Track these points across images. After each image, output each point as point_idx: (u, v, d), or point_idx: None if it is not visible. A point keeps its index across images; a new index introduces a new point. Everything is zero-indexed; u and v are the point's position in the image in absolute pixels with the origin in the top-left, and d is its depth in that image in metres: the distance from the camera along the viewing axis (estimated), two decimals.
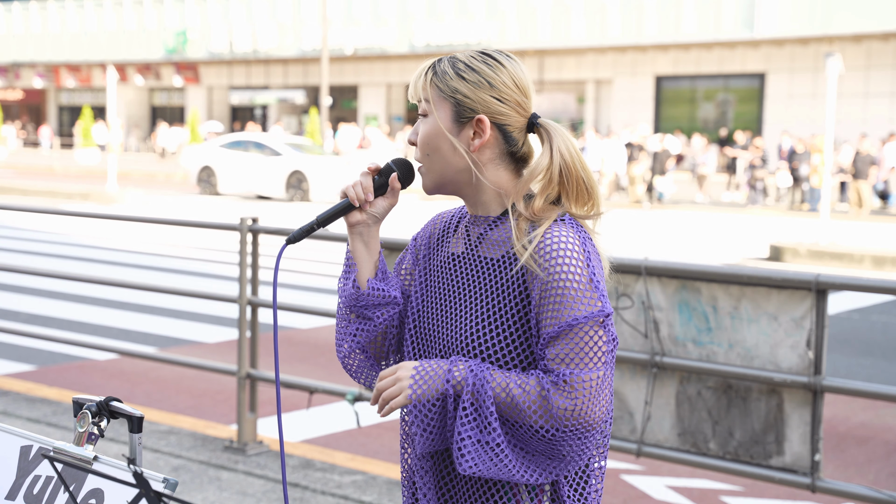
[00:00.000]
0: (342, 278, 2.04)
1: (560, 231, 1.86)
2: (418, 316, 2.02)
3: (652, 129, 34.03)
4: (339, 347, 2.07)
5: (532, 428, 1.81)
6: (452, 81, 1.91)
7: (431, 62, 1.97)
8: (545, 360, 1.84)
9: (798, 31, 31.96)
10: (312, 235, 2.01)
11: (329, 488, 4.90)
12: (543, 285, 1.84)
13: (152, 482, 1.67)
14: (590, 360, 1.82)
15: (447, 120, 1.92)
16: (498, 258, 1.92)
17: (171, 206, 21.76)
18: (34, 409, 6.13)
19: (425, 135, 1.95)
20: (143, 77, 47.85)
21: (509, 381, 1.83)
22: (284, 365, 7.48)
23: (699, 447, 4.26)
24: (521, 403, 1.81)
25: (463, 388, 1.83)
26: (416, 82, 1.96)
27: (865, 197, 22.30)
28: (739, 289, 4.10)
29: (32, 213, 6.91)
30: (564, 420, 1.80)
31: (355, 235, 2.02)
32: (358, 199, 1.98)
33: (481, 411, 1.82)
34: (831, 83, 15.32)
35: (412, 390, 1.84)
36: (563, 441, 1.81)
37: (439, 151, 1.93)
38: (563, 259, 1.83)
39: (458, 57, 1.95)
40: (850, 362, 8.19)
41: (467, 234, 2.00)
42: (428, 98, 1.94)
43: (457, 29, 38.22)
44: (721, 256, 15.06)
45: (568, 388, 1.80)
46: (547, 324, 1.84)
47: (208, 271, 12.40)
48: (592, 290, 1.84)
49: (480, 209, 1.98)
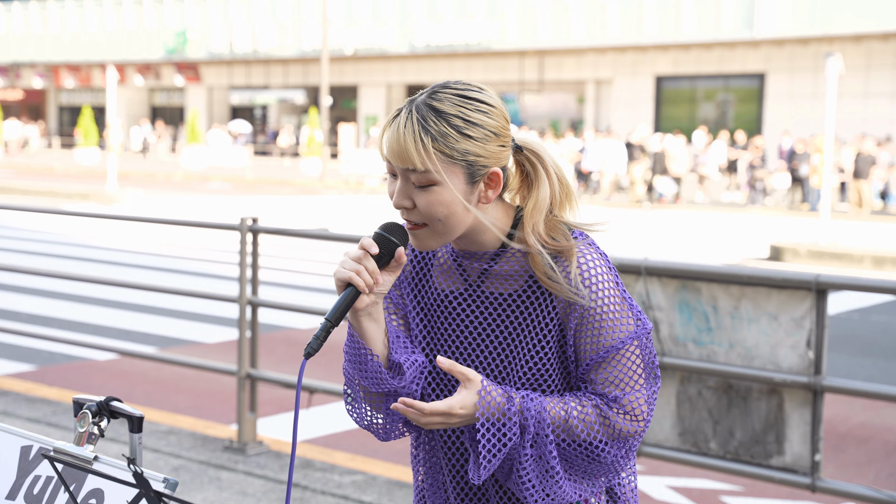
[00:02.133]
0: (357, 362, 1.86)
1: (586, 256, 1.83)
2: (430, 355, 1.95)
3: (652, 129, 34.03)
4: (381, 429, 1.93)
5: (594, 453, 1.83)
6: (459, 143, 1.76)
7: (408, 116, 1.77)
8: (594, 385, 1.84)
9: (798, 31, 31.95)
10: (313, 235, 2.00)
11: (329, 488, 4.90)
12: (583, 312, 1.82)
13: (152, 482, 1.67)
14: (640, 378, 1.85)
15: (461, 185, 1.79)
16: (513, 293, 1.87)
17: (171, 206, 21.76)
18: (34, 409, 6.13)
19: (436, 204, 1.78)
20: (143, 77, 47.86)
21: (567, 409, 1.82)
22: (284, 365, 7.48)
23: (699, 447, 4.26)
24: (580, 433, 1.81)
25: (528, 420, 1.79)
26: (407, 150, 1.75)
27: (866, 197, 22.30)
28: (739, 289, 4.10)
29: (32, 213, 6.90)
30: (630, 441, 1.84)
31: (364, 317, 1.84)
32: (367, 287, 1.79)
33: (541, 441, 1.80)
34: (831, 83, 15.32)
35: (481, 416, 1.79)
36: (619, 459, 1.86)
37: (454, 215, 1.80)
38: (598, 285, 1.82)
39: (445, 110, 1.77)
40: (850, 362, 8.19)
41: (461, 270, 1.91)
42: (432, 168, 1.76)
43: (457, 29, 38.21)
44: (721, 256, 15.06)
45: (630, 411, 1.83)
46: (589, 349, 1.83)
47: (208, 271, 12.40)
48: (628, 310, 1.85)
49: (474, 246, 1.89)
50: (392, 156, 1.78)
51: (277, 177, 31.79)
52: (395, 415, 1.90)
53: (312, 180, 30.46)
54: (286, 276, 11.92)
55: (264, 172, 33.71)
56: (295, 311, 5.72)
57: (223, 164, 35.92)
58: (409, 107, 1.79)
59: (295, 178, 30.97)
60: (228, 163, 36.02)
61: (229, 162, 36.04)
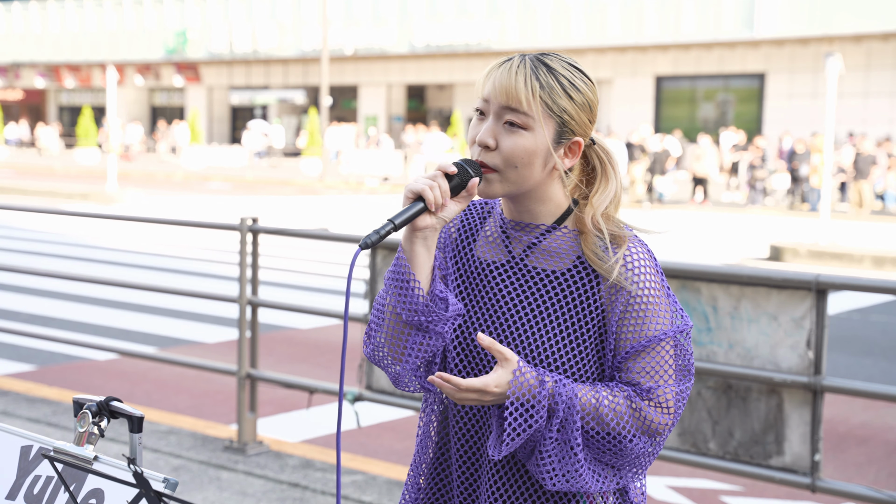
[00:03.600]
0: (398, 287, 1.84)
1: (637, 248, 1.88)
2: (463, 326, 1.94)
3: (652, 129, 34.02)
4: (402, 362, 1.88)
5: (621, 443, 1.83)
6: (561, 100, 1.84)
7: (521, 63, 1.85)
8: (629, 373, 1.86)
9: (798, 31, 31.96)
10: (313, 235, 2.00)
11: (329, 488, 4.90)
12: (629, 299, 1.84)
13: (152, 482, 1.67)
14: (675, 373, 1.88)
15: (548, 140, 1.84)
16: (557, 271, 1.88)
17: (171, 206, 21.76)
18: (34, 409, 6.13)
19: (521, 148, 1.83)
20: (142, 77, 47.86)
21: (598, 397, 1.82)
22: (284, 365, 7.49)
23: (699, 447, 4.26)
24: (610, 422, 1.82)
25: (558, 404, 1.80)
26: (517, 87, 1.82)
27: (866, 197, 22.30)
28: (739, 289, 4.10)
29: (32, 213, 6.90)
30: (658, 434, 1.86)
31: (419, 240, 1.83)
32: (435, 203, 1.81)
33: (568, 427, 1.81)
34: (831, 83, 15.32)
35: (511, 395, 1.79)
36: (646, 453, 1.87)
37: (530, 167, 1.84)
38: (643, 276, 1.86)
39: (555, 68, 1.85)
40: (850, 362, 8.19)
41: (507, 242, 1.93)
42: (531, 112, 1.82)
43: (457, 29, 38.22)
44: (721, 256, 15.06)
45: (661, 403, 1.85)
46: (631, 338, 1.85)
47: (208, 271, 12.40)
48: (671, 304, 1.89)
49: (527, 216, 1.91)
50: (498, 92, 1.84)
51: (277, 177, 31.80)
52: (416, 370, 1.90)
53: (312, 180, 30.47)
54: (286, 276, 11.93)
55: (264, 172, 33.73)
56: (295, 311, 5.72)
57: (223, 164, 35.92)
58: (520, 57, 1.86)
59: (295, 178, 30.98)
60: (228, 163, 36.03)
61: (229, 162, 36.05)
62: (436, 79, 41.43)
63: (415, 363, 1.88)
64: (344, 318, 1.77)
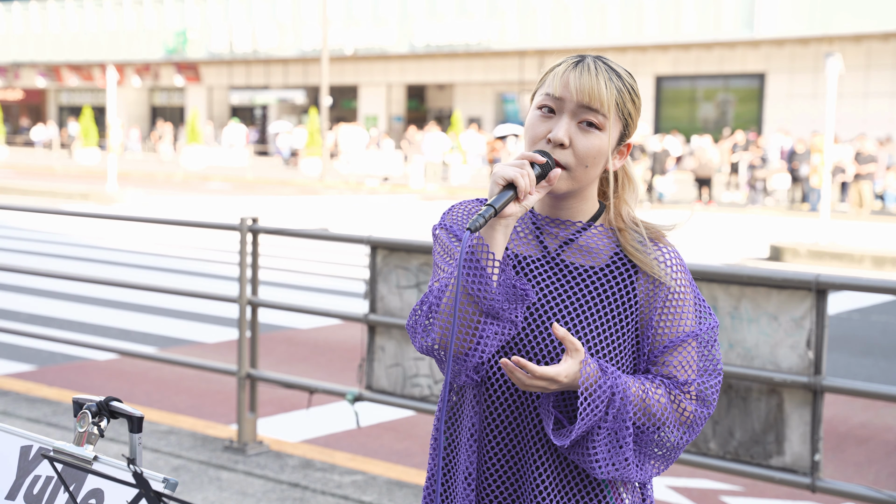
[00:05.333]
0: (476, 274, 1.80)
1: (671, 245, 1.96)
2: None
3: (652, 129, 34.03)
4: (473, 352, 1.84)
5: (660, 435, 1.87)
6: (628, 105, 1.91)
7: (596, 65, 1.89)
8: (666, 367, 1.90)
9: (798, 31, 31.97)
10: (313, 235, 2.01)
11: (329, 488, 4.90)
12: (668, 294, 1.90)
13: (152, 482, 1.67)
14: (712, 368, 1.93)
15: (612, 141, 1.91)
16: (600, 267, 1.91)
17: (171, 206, 21.76)
18: (34, 409, 6.13)
19: (595, 148, 1.88)
20: (142, 77, 47.87)
21: (645, 388, 1.86)
22: (284, 365, 7.49)
23: (699, 447, 4.26)
24: (655, 412, 1.86)
25: (615, 395, 1.83)
26: (598, 89, 1.87)
27: (866, 197, 22.30)
28: (739, 289, 4.09)
29: (32, 213, 6.90)
30: (695, 425, 1.90)
31: (501, 227, 1.82)
32: (525, 191, 1.81)
33: (621, 416, 1.84)
34: (831, 83, 15.32)
35: (582, 384, 1.81)
36: (678, 446, 1.91)
37: (597, 167, 1.91)
38: (682, 272, 1.93)
39: (621, 73, 1.91)
40: (850, 362, 8.19)
41: (541, 237, 1.95)
42: (607, 113, 1.88)
43: (457, 29, 38.23)
44: (721, 256, 15.06)
45: (699, 395, 1.90)
46: (668, 332, 1.90)
47: (208, 271, 12.40)
48: (700, 302, 1.96)
49: (566, 213, 1.94)
50: (579, 91, 1.86)
51: (277, 177, 31.80)
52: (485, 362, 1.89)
53: (312, 180, 30.47)
54: (286, 276, 11.93)
55: (264, 172, 33.72)
56: (295, 311, 5.72)
57: (223, 164, 35.91)
58: (593, 59, 1.91)
59: (295, 178, 30.97)
60: (228, 163, 36.02)
61: (229, 162, 36.04)
62: (436, 79, 41.45)
63: (489, 353, 1.85)
64: (453, 311, 1.80)
